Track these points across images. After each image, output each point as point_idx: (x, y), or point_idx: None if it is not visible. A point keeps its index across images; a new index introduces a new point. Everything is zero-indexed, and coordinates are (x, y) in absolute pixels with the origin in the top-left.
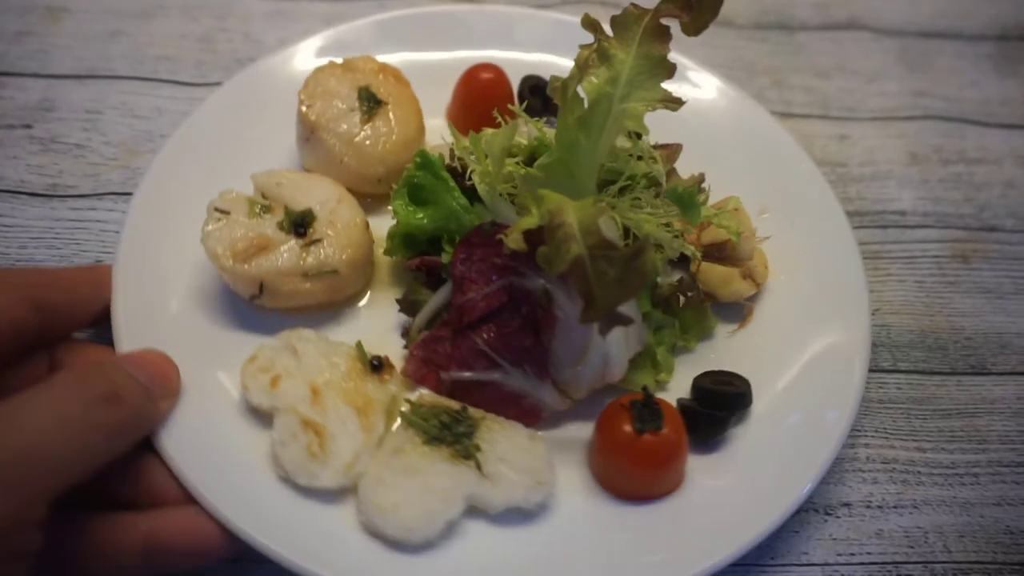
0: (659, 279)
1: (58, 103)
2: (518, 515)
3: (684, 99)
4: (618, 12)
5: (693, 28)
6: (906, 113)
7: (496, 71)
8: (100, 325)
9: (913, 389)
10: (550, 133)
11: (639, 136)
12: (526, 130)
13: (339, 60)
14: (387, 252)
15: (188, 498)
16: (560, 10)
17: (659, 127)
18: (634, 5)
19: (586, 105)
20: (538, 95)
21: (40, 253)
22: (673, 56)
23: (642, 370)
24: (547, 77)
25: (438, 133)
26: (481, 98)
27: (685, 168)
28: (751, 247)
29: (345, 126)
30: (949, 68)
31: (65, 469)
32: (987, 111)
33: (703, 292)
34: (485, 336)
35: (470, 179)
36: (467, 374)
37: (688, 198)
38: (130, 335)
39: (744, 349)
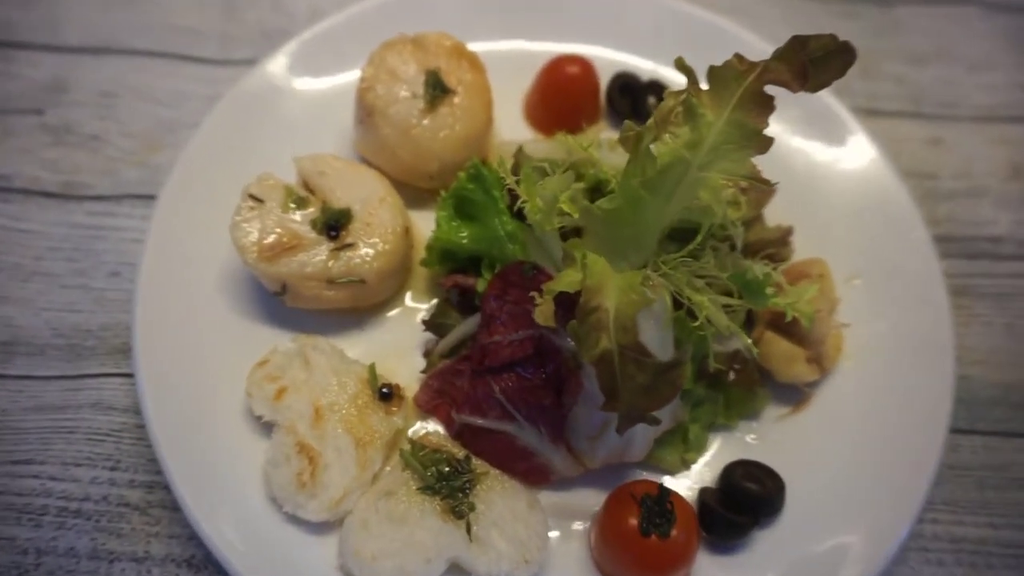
0: (711, 357)
1: (71, 83)
2: None
3: (788, 125)
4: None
5: (814, 86)
6: (1013, 112)
7: (583, 65)
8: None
9: (990, 454)
10: (619, 166)
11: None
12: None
13: (410, 34)
14: (424, 263)
15: None
16: None
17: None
18: (738, 58)
19: (658, 165)
20: (628, 96)
21: (58, 266)
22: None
23: (670, 447)
24: (642, 73)
25: (511, 125)
26: (564, 94)
27: (775, 206)
28: (823, 330)
29: (404, 114)
30: None
31: None
32: None
33: (759, 367)
34: (504, 385)
35: (518, 212)
36: (479, 420)
37: (755, 287)
38: (149, 325)
39: (791, 437)
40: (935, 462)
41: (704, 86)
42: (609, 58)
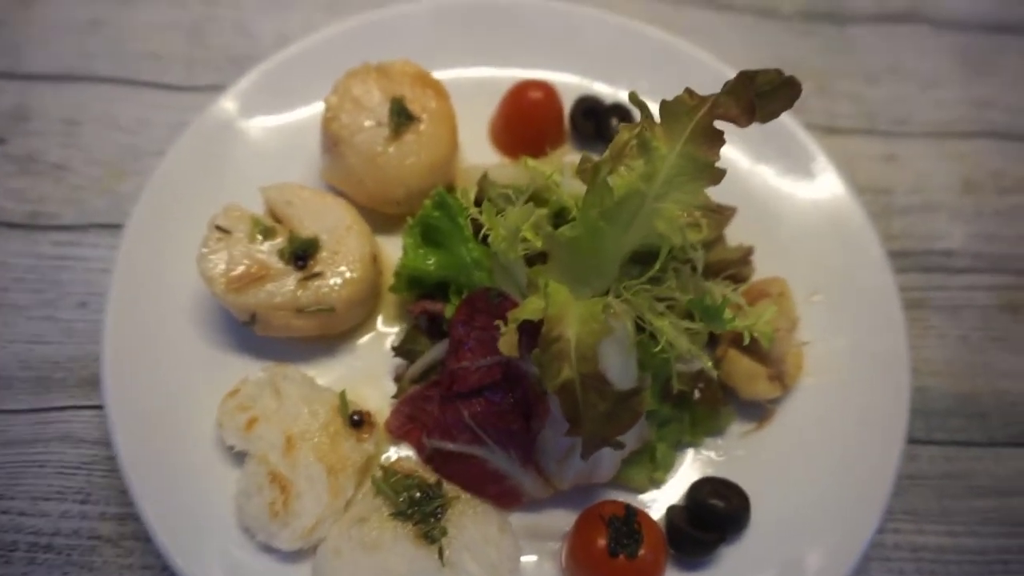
0: (674, 378)
1: (33, 111)
2: None
3: (748, 147)
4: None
5: (762, 117)
6: (964, 128)
7: (546, 90)
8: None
9: (948, 463)
10: (581, 193)
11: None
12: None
13: (374, 62)
14: (392, 289)
15: None
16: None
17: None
18: (689, 93)
19: (615, 197)
20: (591, 119)
21: (23, 298)
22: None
23: (637, 466)
24: (605, 97)
25: (477, 149)
26: (528, 118)
27: (735, 226)
28: (784, 348)
29: (369, 143)
30: (1016, 71)
31: None
32: None
33: (722, 385)
34: (473, 410)
35: (483, 237)
36: (450, 445)
37: (713, 312)
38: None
39: (756, 453)
40: (893, 473)
41: (658, 119)
42: (572, 82)
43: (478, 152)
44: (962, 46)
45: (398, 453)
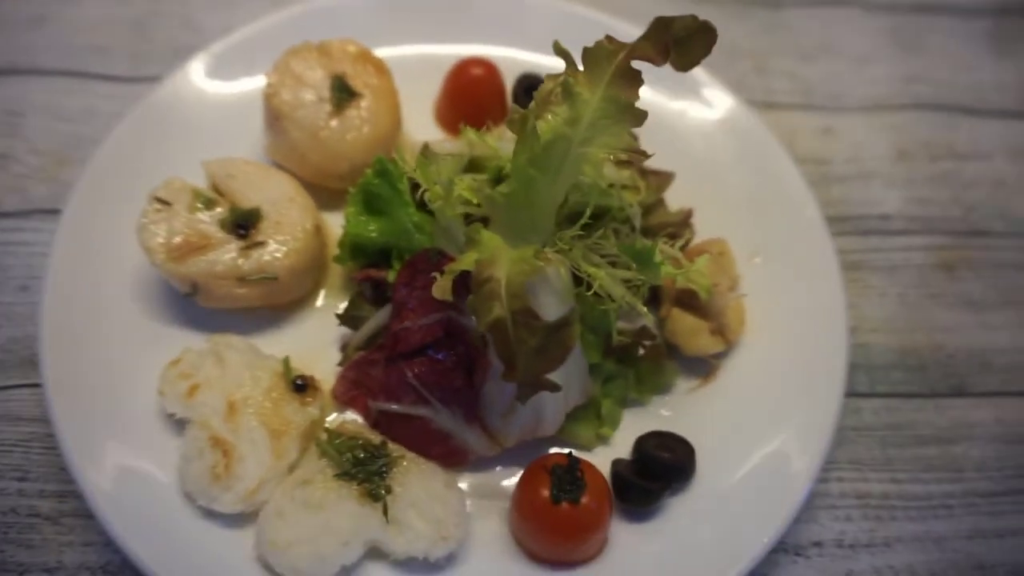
0: (613, 330)
1: None
2: (423, 564)
3: (692, 118)
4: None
5: (681, 65)
6: (896, 101)
7: (488, 67)
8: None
9: (890, 414)
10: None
11: (629, 163)
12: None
13: (315, 41)
14: (336, 260)
15: None
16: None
17: (655, 143)
18: (609, 39)
19: (541, 142)
20: (533, 96)
21: None
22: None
23: (584, 422)
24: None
25: (422, 128)
26: (470, 96)
27: (679, 193)
28: (723, 302)
29: (311, 118)
30: (943, 48)
31: None
32: (980, 97)
33: (667, 343)
34: (416, 370)
35: (420, 198)
36: (394, 406)
37: (646, 256)
38: (57, 334)
39: (702, 408)
40: (832, 423)
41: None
42: (515, 58)
43: (423, 131)
44: (891, 26)
45: (344, 420)
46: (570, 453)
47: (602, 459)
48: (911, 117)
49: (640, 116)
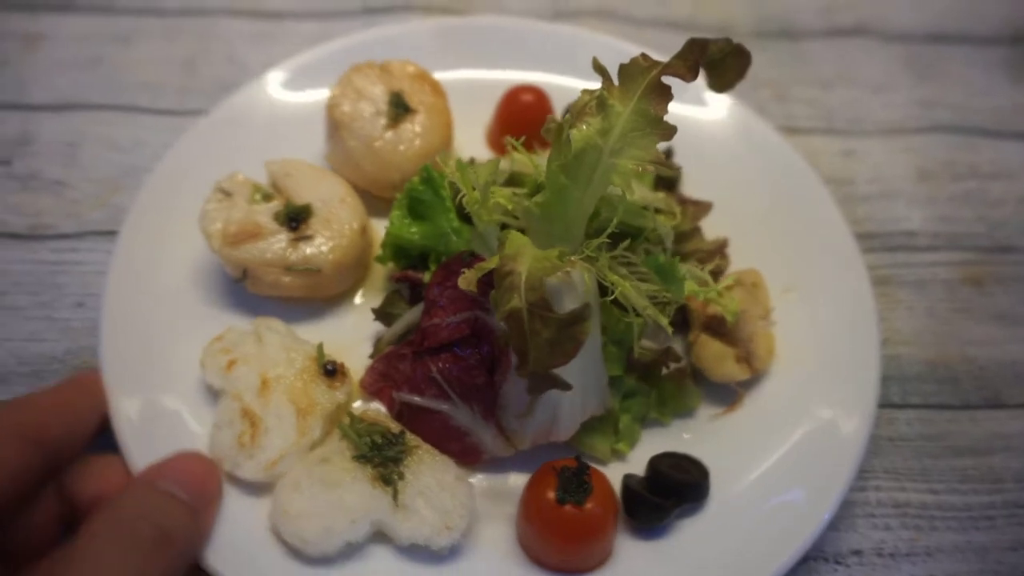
0: (636, 343)
1: (36, 136)
2: (427, 553)
3: (727, 146)
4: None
5: (719, 86)
6: (914, 125)
7: (538, 94)
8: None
9: (924, 425)
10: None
11: (669, 189)
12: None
13: (379, 61)
14: (378, 259)
15: None
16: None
17: (698, 174)
18: (644, 56)
19: (572, 150)
20: None
21: (21, 299)
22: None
23: (600, 435)
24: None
25: (475, 150)
26: (520, 120)
27: (716, 224)
28: (752, 330)
29: (367, 129)
30: (959, 75)
31: None
32: (1000, 120)
33: (693, 367)
34: (440, 365)
35: (460, 205)
36: (417, 399)
37: (669, 270)
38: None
39: (723, 435)
40: (853, 467)
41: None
42: (565, 87)
43: (476, 152)
44: (907, 55)
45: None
46: (578, 456)
47: (617, 475)
48: (931, 139)
49: (669, 130)
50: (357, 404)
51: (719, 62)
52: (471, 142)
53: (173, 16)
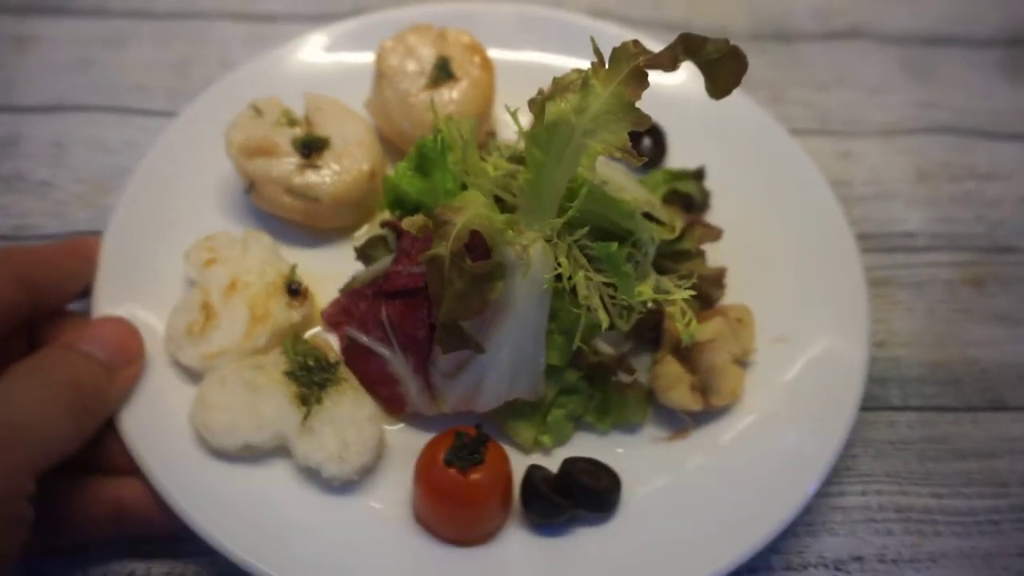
0: (577, 336)
1: (23, 138)
2: (321, 482)
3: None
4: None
5: (716, 91)
6: (911, 126)
7: None
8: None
9: (926, 428)
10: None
11: (691, 201)
12: None
13: (438, 27)
14: (381, 206)
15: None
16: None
17: (728, 187)
18: (635, 43)
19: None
20: (645, 136)
21: None
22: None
23: (526, 421)
24: (663, 121)
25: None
26: None
27: (728, 250)
28: (720, 364)
29: (406, 85)
30: (956, 77)
31: (48, 446)
32: (997, 122)
33: (644, 385)
34: (390, 310)
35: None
36: (363, 338)
37: (615, 261)
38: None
39: (657, 463)
40: (788, 518)
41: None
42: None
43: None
44: (903, 57)
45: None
46: (479, 424)
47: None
48: (928, 140)
49: (642, 120)
50: (316, 330)
51: (715, 64)
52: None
53: (165, 19)
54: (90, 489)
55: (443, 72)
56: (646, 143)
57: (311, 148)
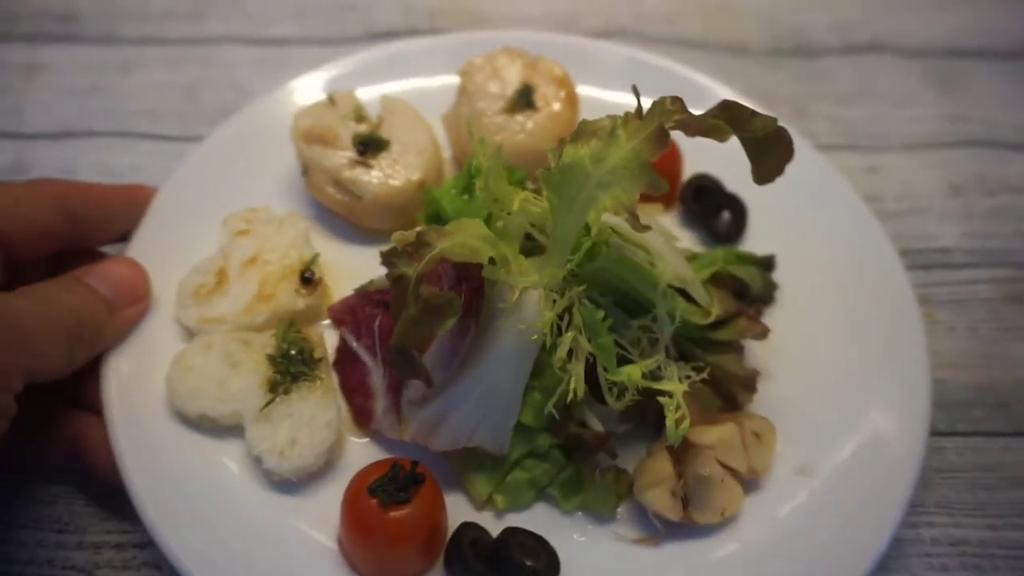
0: (551, 402)
1: (32, 164)
2: (264, 476)
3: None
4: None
5: (761, 175)
6: (941, 139)
7: (672, 149)
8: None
9: (976, 455)
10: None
11: (743, 289)
12: None
13: (532, 55)
14: (420, 217)
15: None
16: None
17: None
18: (673, 100)
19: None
20: (703, 200)
21: None
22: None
23: (484, 476)
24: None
25: None
26: None
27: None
28: (710, 475)
29: (482, 105)
30: (983, 89)
31: (39, 361)
32: None
33: (626, 475)
34: (384, 322)
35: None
36: (354, 343)
37: (596, 328)
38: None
39: (613, 564)
40: None
41: None
42: (703, 154)
43: None
44: (928, 70)
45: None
46: (415, 462)
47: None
48: (959, 154)
49: (657, 184)
50: (326, 323)
51: (761, 143)
52: None
53: (175, 44)
54: (59, 415)
55: (523, 99)
56: (725, 217)
57: (368, 146)
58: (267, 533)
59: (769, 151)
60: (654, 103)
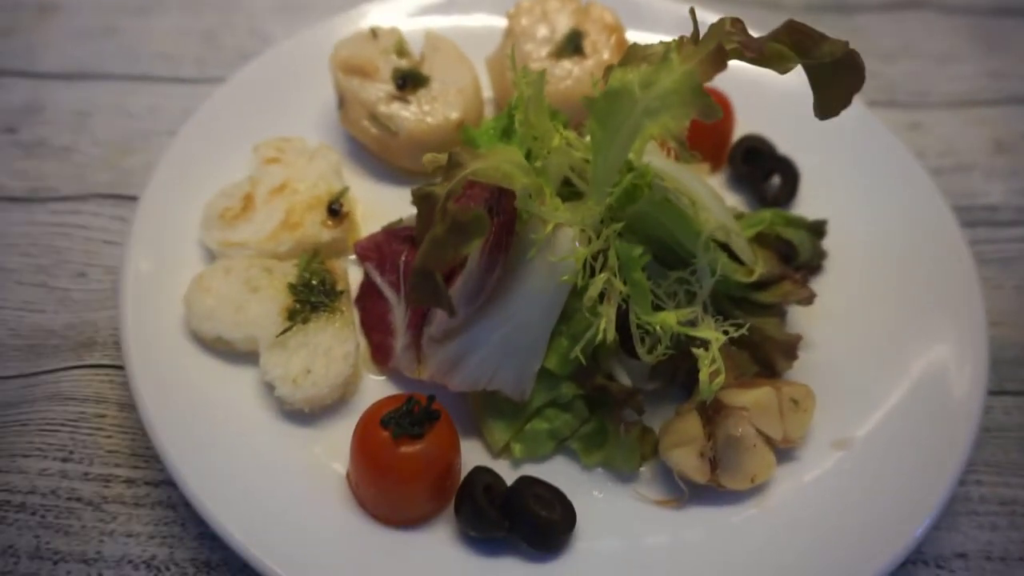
0: (579, 346)
1: (46, 105)
2: (278, 405)
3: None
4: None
5: (823, 108)
6: (985, 97)
7: (723, 103)
8: None
9: None
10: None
11: (791, 252)
12: None
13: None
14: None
15: None
16: None
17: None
18: (733, 22)
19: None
20: (752, 162)
21: (12, 261)
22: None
23: (502, 422)
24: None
25: None
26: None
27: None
28: (742, 437)
29: (529, 48)
30: None
31: None
32: None
33: (651, 433)
34: (407, 256)
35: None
36: (378, 278)
37: (631, 265)
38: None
39: (629, 523)
40: None
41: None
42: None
43: None
44: (970, 27)
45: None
46: (432, 396)
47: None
48: (1004, 111)
49: (711, 110)
50: (351, 258)
51: (828, 69)
52: None
53: None
54: None
55: (571, 45)
56: (775, 181)
57: (407, 81)
58: (277, 463)
59: (836, 80)
60: (712, 25)
